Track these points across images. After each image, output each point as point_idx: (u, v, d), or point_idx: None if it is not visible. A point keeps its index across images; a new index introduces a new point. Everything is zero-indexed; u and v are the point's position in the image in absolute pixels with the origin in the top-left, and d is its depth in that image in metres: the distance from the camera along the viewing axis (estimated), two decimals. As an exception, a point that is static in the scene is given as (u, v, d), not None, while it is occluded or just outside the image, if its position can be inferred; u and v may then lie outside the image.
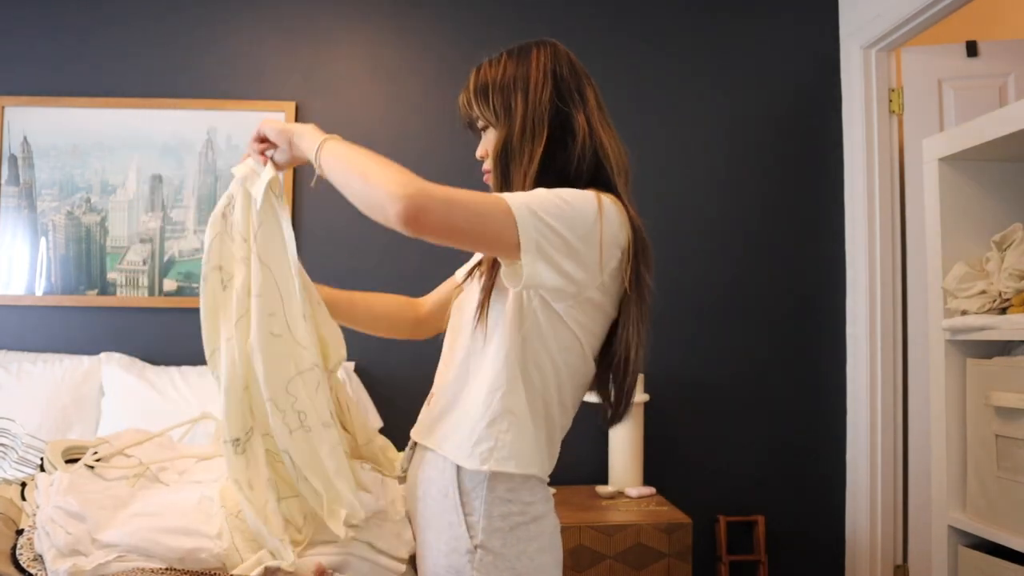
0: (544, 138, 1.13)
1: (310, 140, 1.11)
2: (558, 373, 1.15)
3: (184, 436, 2.17)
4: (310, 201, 2.66)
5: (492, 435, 1.10)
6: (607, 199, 1.12)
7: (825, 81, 2.78)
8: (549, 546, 1.14)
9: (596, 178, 1.16)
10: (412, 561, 1.23)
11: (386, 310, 1.47)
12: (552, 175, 1.13)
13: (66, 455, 1.38)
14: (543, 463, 1.15)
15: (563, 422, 1.19)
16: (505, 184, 1.15)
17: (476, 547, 1.08)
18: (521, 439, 1.11)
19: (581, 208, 1.06)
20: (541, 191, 1.07)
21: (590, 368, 1.19)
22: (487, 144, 1.21)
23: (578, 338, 1.15)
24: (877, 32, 2.55)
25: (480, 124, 1.21)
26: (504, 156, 1.15)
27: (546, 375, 1.14)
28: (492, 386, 1.12)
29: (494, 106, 1.16)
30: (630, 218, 1.16)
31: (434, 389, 1.27)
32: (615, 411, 1.21)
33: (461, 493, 1.11)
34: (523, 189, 1.11)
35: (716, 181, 2.76)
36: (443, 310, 1.41)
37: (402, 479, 1.28)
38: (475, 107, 1.19)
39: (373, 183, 1.02)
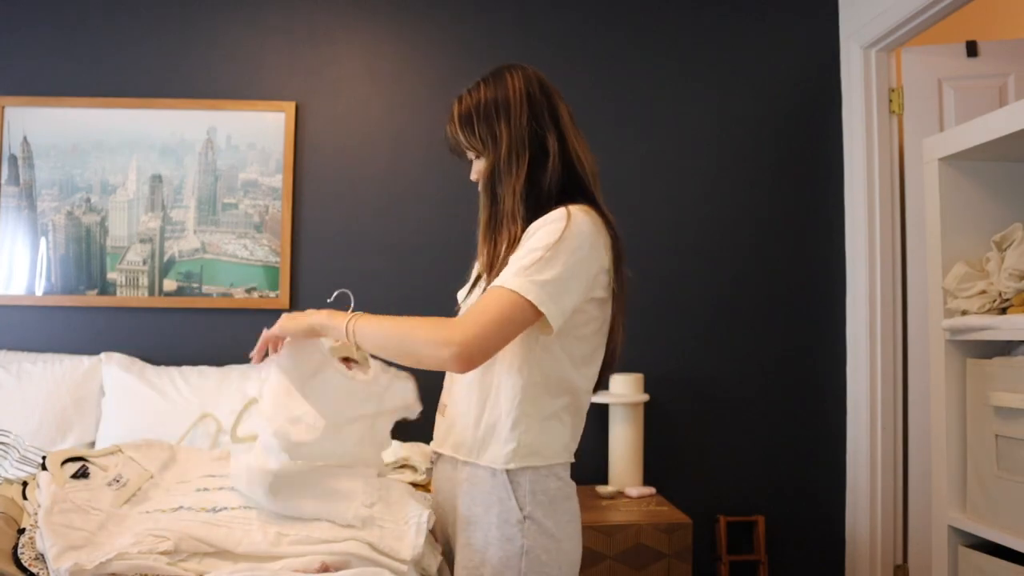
0: (527, 159, 1.26)
1: (336, 323, 1.23)
2: (566, 372, 1.28)
3: (185, 437, 2.18)
4: (310, 195, 2.66)
5: (514, 437, 1.25)
6: (581, 217, 1.21)
7: (825, 81, 2.79)
8: (575, 518, 1.31)
9: (572, 189, 1.28)
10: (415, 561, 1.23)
11: None
12: (533, 192, 1.26)
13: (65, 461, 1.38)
14: (565, 450, 1.31)
15: (580, 405, 1.34)
16: (494, 204, 1.27)
17: (525, 517, 1.24)
18: (542, 436, 1.26)
19: (562, 247, 1.18)
20: (521, 256, 1.18)
21: (597, 356, 1.34)
22: (479, 168, 1.33)
23: (581, 341, 1.29)
24: (877, 32, 2.55)
25: (471, 154, 1.33)
26: (492, 180, 1.27)
27: (556, 377, 1.28)
28: (507, 396, 1.25)
29: (480, 135, 1.28)
30: (607, 223, 1.27)
31: (445, 399, 1.38)
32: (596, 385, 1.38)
33: (508, 473, 1.25)
34: (511, 207, 1.25)
35: (716, 181, 2.76)
36: None
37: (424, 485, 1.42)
38: (463, 138, 1.31)
39: (416, 347, 1.17)
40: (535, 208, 1.24)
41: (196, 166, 2.63)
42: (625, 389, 2.49)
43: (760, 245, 2.76)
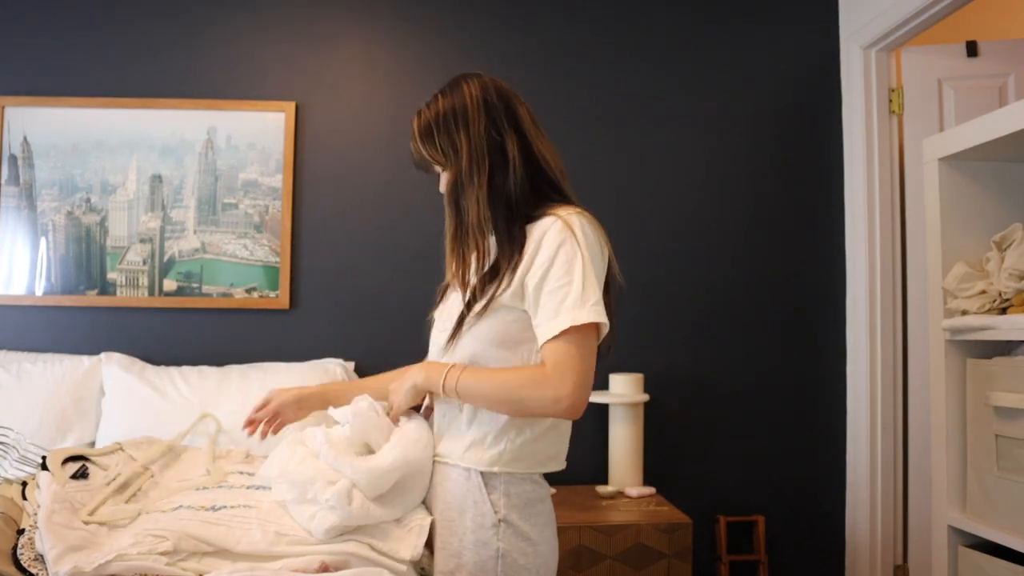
0: (487, 167, 1.25)
1: (434, 382, 1.26)
2: None
3: (184, 437, 2.17)
4: (310, 195, 2.66)
5: (502, 443, 1.25)
6: (578, 223, 1.21)
7: (825, 81, 2.79)
8: (550, 521, 1.32)
9: (543, 189, 1.28)
10: (414, 561, 1.23)
11: None
12: (500, 198, 1.25)
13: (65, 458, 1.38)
14: (551, 460, 1.31)
15: None
16: (459, 215, 1.28)
17: (500, 520, 1.24)
18: (534, 445, 1.27)
19: (591, 265, 1.20)
20: (557, 288, 1.18)
21: None
22: (445, 180, 1.33)
23: None
24: (877, 32, 2.55)
25: (436, 168, 1.34)
26: (456, 192, 1.28)
27: None
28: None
29: (441, 147, 1.29)
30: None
31: (430, 402, 1.36)
32: None
33: (483, 476, 1.25)
34: (476, 217, 1.25)
35: (716, 181, 2.76)
36: None
37: None
38: (425, 152, 1.32)
39: (526, 405, 1.19)
40: (507, 214, 1.25)
41: (196, 166, 2.63)
42: (625, 389, 2.49)
43: (760, 245, 2.76)
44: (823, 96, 2.78)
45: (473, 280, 1.25)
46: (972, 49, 2.61)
